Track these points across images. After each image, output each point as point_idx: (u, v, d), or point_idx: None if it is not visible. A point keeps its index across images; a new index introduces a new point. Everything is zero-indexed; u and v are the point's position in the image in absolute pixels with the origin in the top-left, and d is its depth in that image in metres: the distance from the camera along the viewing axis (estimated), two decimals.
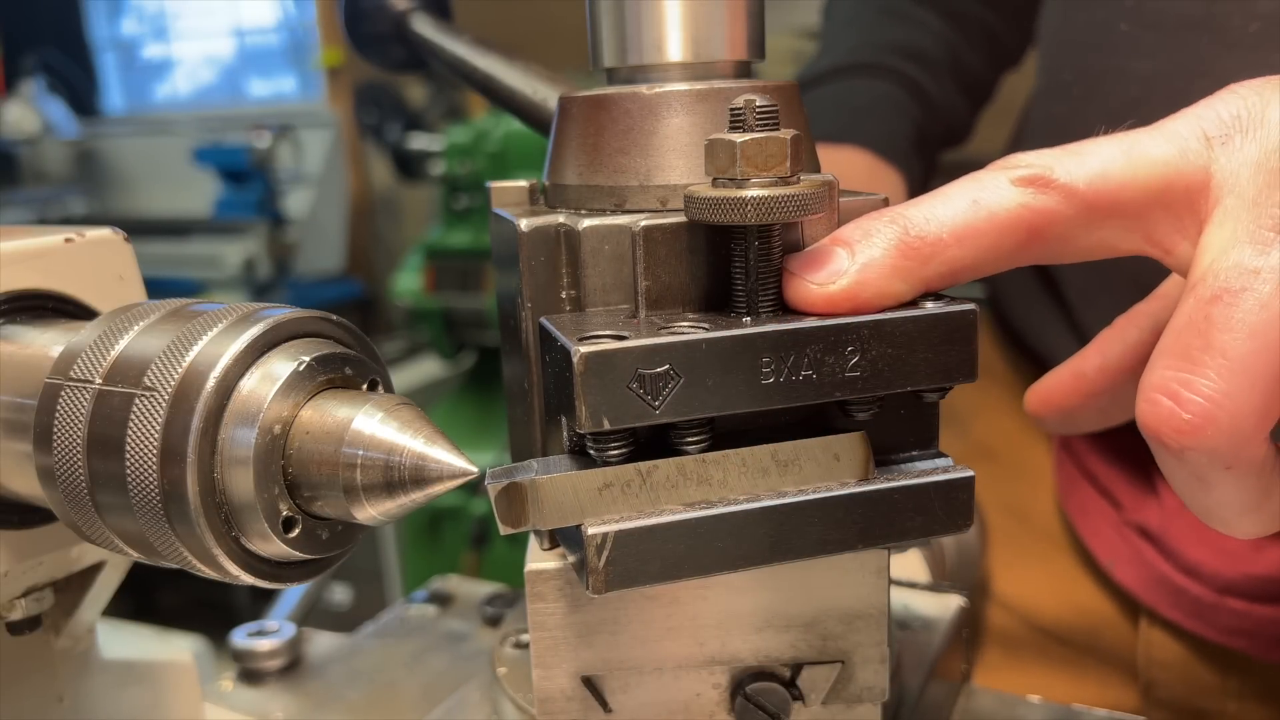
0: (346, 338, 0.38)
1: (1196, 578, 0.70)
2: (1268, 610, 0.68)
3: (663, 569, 0.37)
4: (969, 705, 0.56)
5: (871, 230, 0.39)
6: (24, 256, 0.43)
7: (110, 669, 0.51)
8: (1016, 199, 0.39)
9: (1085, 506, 0.79)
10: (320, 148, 4.21)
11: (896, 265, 0.38)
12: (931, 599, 0.58)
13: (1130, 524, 0.75)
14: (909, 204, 0.40)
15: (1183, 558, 0.71)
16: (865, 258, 0.38)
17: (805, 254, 0.39)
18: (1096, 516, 0.78)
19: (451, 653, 0.63)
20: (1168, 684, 0.74)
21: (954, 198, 0.39)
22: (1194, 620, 0.71)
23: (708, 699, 0.44)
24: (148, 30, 5.20)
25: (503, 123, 2.48)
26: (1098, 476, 0.78)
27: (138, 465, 0.34)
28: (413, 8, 0.59)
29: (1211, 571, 0.70)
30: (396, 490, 0.33)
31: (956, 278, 0.40)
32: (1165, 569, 0.72)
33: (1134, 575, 0.74)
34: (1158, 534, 0.73)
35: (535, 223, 0.41)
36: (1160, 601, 0.73)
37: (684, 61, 0.42)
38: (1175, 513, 0.72)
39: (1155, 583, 0.73)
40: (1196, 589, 0.70)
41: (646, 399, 0.35)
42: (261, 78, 4.94)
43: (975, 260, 0.39)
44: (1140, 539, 0.74)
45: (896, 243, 0.38)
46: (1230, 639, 0.70)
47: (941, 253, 0.38)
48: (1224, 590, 0.69)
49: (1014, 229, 0.39)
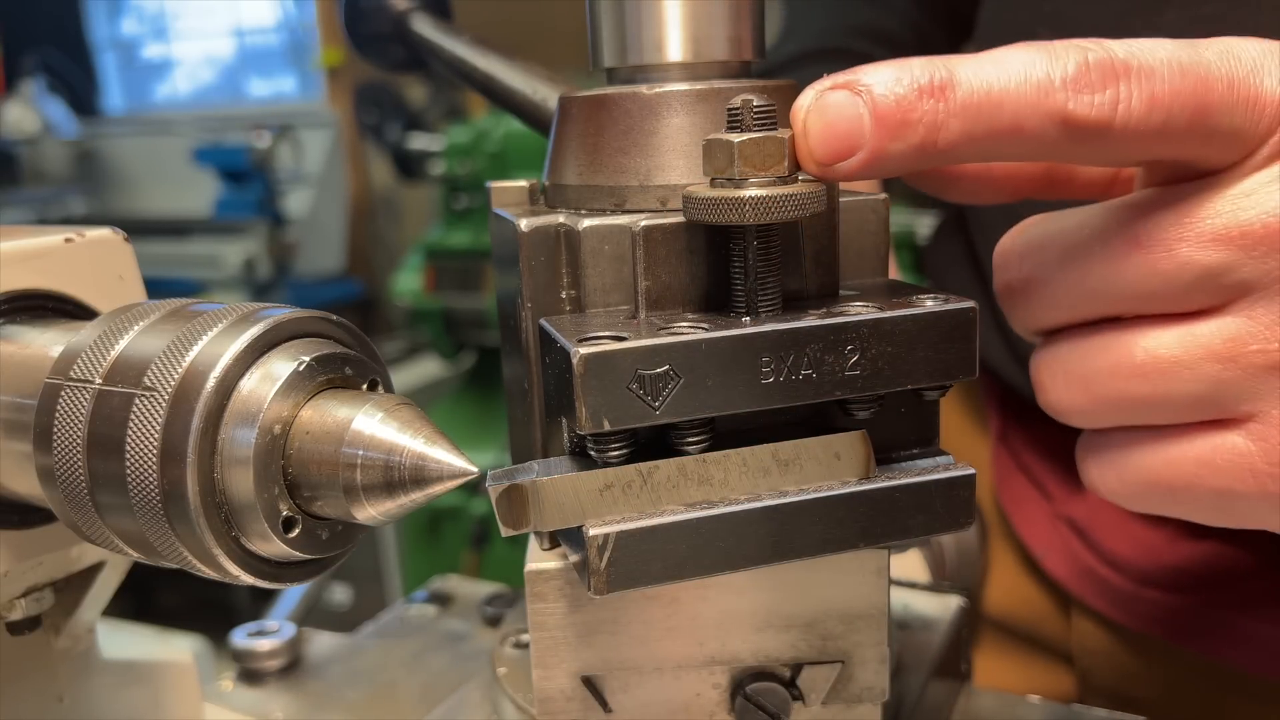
0: (346, 338, 0.38)
1: (1117, 569, 0.73)
2: (1182, 599, 0.70)
3: (664, 569, 0.37)
4: (969, 705, 0.56)
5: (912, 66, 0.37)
6: (24, 256, 0.43)
7: (110, 669, 0.51)
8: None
9: (1019, 498, 0.81)
10: (320, 148, 4.21)
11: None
12: (931, 599, 0.58)
13: (1060, 516, 0.77)
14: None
15: (1105, 549, 0.73)
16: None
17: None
18: (1029, 508, 0.80)
19: (451, 653, 0.63)
20: (1100, 672, 0.76)
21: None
22: (1117, 610, 0.73)
23: (708, 699, 0.44)
24: (148, 30, 5.21)
25: (503, 123, 2.49)
26: (1031, 469, 0.80)
27: (138, 465, 0.34)
28: (413, 8, 0.59)
29: (1131, 563, 0.72)
30: (396, 490, 0.33)
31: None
32: (1090, 560, 0.74)
33: (1063, 566, 0.77)
34: (1084, 526, 0.75)
35: (535, 223, 0.41)
36: (1087, 591, 0.75)
37: (684, 61, 0.42)
38: (1100, 506, 0.74)
39: (1082, 574, 0.75)
40: (1118, 580, 0.73)
41: (646, 399, 0.35)
42: (261, 78, 4.95)
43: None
44: (1069, 531, 0.76)
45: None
46: (1150, 627, 0.72)
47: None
48: (1142, 581, 0.72)
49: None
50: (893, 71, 0.37)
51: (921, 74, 0.37)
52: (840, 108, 0.37)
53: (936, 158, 0.37)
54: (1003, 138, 0.37)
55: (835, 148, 0.37)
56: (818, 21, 0.93)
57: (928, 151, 0.37)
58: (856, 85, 0.37)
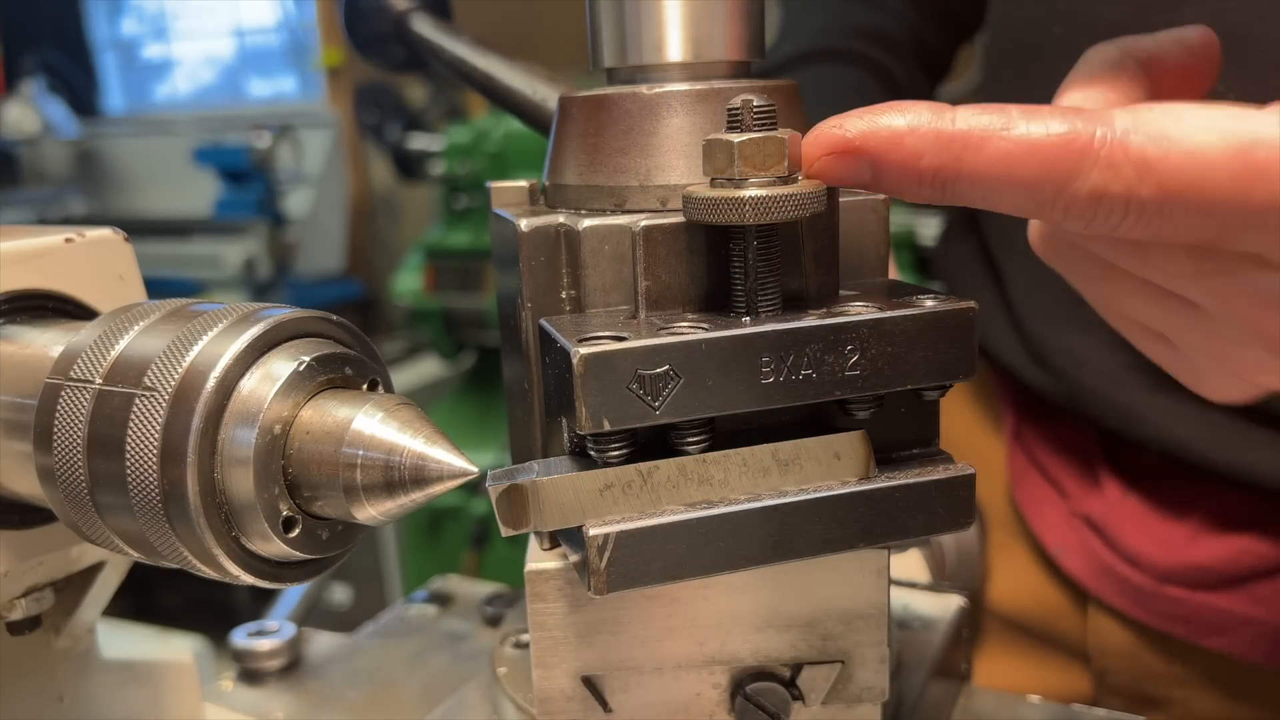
0: (346, 338, 0.38)
1: (1138, 566, 0.72)
2: (1204, 597, 0.70)
3: (664, 569, 0.37)
4: (969, 705, 0.56)
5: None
6: (24, 256, 0.43)
7: (110, 669, 0.51)
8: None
9: (1035, 497, 0.81)
10: (320, 148, 4.21)
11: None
12: (931, 599, 0.58)
13: (1077, 514, 0.77)
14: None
15: (1125, 547, 0.73)
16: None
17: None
18: (1045, 506, 0.80)
19: (451, 653, 0.63)
20: (1118, 671, 0.76)
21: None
22: (1137, 608, 0.73)
23: (708, 699, 0.44)
24: (148, 30, 5.20)
25: (503, 123, 2.48)
26: (1046, 467, 0.80)
27: (138, 465, 0.34)
28: (413, 8, 0.59)
29: (1151, 560, 0.72)
30: (396, 490, 0.33)
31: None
32: (1109, 558, 0.74)
33: (1081, 564, 0.76)
34: (1101, 524, 0.75)
35: (535, 223, 0.41)
36: (1105, 589, 0.75)
37: (684, 62, 0.42)
38: (1117, 503, 0.74)
39: (1100, 571, 0.75)
40: (1138, 577, 0.72)
41: (646, 399, 0.35)
42: (261, 78, 4.95)
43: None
44: (1086, 528, 0.76)
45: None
46: (1171, 625, 0.72)
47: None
48: (1163, 578, 0.72)
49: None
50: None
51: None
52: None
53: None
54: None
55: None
56: (815, 23, 0.93)
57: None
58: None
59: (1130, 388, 0.71)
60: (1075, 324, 0.73)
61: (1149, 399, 0.70)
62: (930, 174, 0.36)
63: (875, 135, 0.36)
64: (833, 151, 0.36)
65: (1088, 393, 0.73)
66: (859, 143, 0.36)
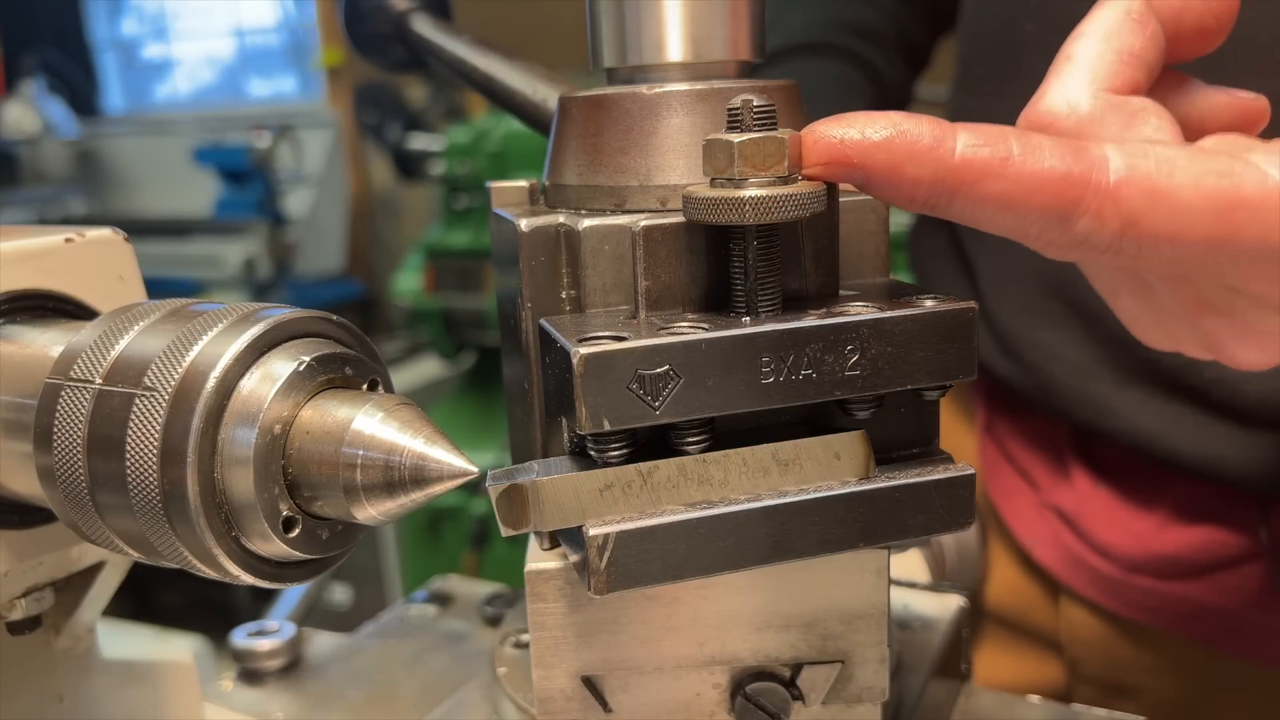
0: (346, 338, 0.38)
1: (1107, 557, 0.73)
2: (1172, 587, 0.71)
3: (664, 569, 0.37)
4: (969, 705, 0.56)
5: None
6: (24, 256, 0.43)
7: (110, 669, 0.51)
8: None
9: (1006, 489, 0.82)
10: (320, 148, 4.21)
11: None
12: (931, 599, 0.58)
13: (1048, 505, 0.78)
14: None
15: (1095, 538, 0.74)
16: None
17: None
18: (1017, 498, 0.81)
19: (451, 653, 0.63)
20: (1089, 660, 0.77)
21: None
22: (1107, 597, 0.74)
23: (708, 699, 0.44)
24: (148, 30, 5.20)
25: (503, 123, 2.49)
26: (1017, 459, 0.80)
27: (138, 465, 0.34)
28: (413, 8, 0.59)
29: (1121, 550, 0.73)
30: (396, 490, 0.33)
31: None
32: (1079, 549, 0.75)
33: (1052, 555, 0.77)
34: (1072, 515, 0.76)
35: (535, 223, 0.41)
36: (1076, 580, 0.76)
37: (684, 62, 0.42)
38: (1087, 495, 0.75)
39: (1071, 562, 0.76)
40: (1108, 568, 0.73)
41: (646, 399, 0.35)
42: (261, 78, 4.95)
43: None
44: (1057, 520, 0.77)
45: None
46: (1141, 615, 0.73)
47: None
48: (1132, 568, 0.73)
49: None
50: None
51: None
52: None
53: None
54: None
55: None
56: (800, 16, 0.93)
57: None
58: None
59: (1100, 381, 0.71)
60: (1046, 318, 0.74)
61: (1119, 392, 0.71)
62: (924, 200, 0.37)
63: (873, 158, 0.36)
64: (830, 162, 0.36)
65: (1058, 386, 0.74)
66: (857, 160, 0.36)
